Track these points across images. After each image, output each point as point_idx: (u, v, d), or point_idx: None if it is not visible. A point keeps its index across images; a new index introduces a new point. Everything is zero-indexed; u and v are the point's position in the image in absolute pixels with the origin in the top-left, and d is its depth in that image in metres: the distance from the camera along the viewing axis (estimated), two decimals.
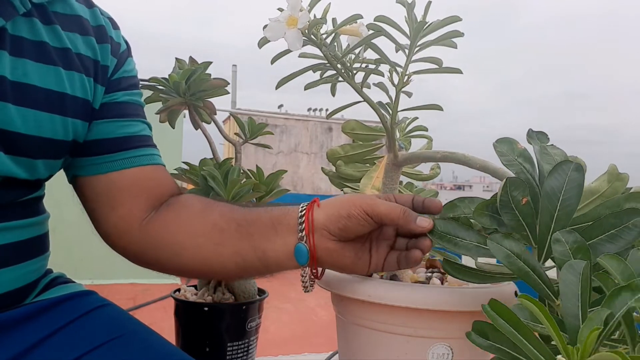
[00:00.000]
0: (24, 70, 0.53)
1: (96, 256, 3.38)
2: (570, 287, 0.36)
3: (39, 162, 0.55)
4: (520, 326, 0.35)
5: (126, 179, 0.63)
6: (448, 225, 0.52)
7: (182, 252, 0.61)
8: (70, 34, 0.59)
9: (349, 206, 0.56)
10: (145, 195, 0.64)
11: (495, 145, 0.54)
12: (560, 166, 0.47)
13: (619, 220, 0.44)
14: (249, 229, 0.59)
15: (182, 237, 0.62)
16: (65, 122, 0.57)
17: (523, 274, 0.43)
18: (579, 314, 0.35)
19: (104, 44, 0.63)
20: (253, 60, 37.52)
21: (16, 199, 0.55)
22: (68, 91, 0.57)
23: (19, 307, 0.56)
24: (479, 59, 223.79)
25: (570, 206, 0.46)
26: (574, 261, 0.38)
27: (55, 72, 0.56)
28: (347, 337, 0.63)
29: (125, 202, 0.63)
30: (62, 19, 0.59)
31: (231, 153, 0.98)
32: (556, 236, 0.42)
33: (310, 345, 1.96)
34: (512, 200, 0.48)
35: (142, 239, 0.63)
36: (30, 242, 0.58)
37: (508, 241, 0.45)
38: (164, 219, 0.63)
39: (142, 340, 0.57)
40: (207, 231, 0.61)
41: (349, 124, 0.76)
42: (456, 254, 0.61)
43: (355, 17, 0.63)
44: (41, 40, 0.56)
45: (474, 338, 0.39)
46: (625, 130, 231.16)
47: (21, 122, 0.52)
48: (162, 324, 0.66)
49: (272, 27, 0.61)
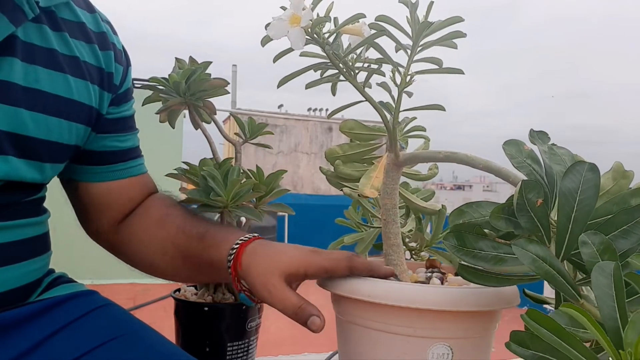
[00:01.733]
0: (35, 77, 0.55)
1: (96, 256, 3.36)
2: (604, 290, 0.36)
3: (47, 166, 0.58)
4: (563, 333, 0.35)
5: (119, 187, 0.70)
6: (463, 237, 0.51)
7: (140, 256, 0.71)
8: (77, 42, 0.61)
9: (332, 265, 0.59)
10: (130, 202, 0.71)
11: (504, 148, 0.54)
12: (574, 167, 0.48)
13: (630, 216, 0.45)
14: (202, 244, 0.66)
15: (138, 247, 0.70)
16: (71, 126, 0.59)
17: (550, 276, 0.43)
18: (617, 316, 0.35)
19: (107, 51, 0.65)
20: (253, 60, 37.55)
21: (22, 200, 0.57)
22: (75, 97, 0.59)
23: (22, 306, 0.56)
24: (479, 60, 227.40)
25: (588, 206, 0.46)
26: (603, 263, 0.38)
27: (64, 79, 0.58)
28: (347, 337, 0.63)
29: (114, 206, 0.70)
30: (69, 26, 0.61)
31: (231, 153, 0.98)
32: (582, 239, 0.42)
33: (310, 345, 1.95)
34: (527, 202, 0.48)
35: (114, 240, 0.72)
36: (33, 240, 0.59)
37: (532, 245, 0.45)
38: (128, 227, 0.71)
39: (144, 340, 0.57)
40: (163, 246, 0.68)
41: (347, 123, 0.75)
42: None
43: (358, 17, 0.63)
44: (51, 47, 0.57)
45: (514, 349, 0.39)
46: (624, 130, 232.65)
47: (34, 126, 0.54)
48: (162, 324, 0.67)
49: (274, 25, 0.61)
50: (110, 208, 0.70)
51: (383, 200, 0.68)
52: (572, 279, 0.44)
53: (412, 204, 0.76)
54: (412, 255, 0.84)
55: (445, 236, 0.52)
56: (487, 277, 0.52)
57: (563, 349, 0.35)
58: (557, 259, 0.45)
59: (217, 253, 0.63)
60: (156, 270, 0.71)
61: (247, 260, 0.60)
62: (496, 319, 0.61)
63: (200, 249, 0.65)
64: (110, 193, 0.69)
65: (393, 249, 0.68)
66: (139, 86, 0.89)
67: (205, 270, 0.66)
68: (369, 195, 0.69)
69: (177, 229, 0.68)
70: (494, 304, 0.57)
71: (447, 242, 0.51)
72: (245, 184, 0.83)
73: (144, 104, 0.91)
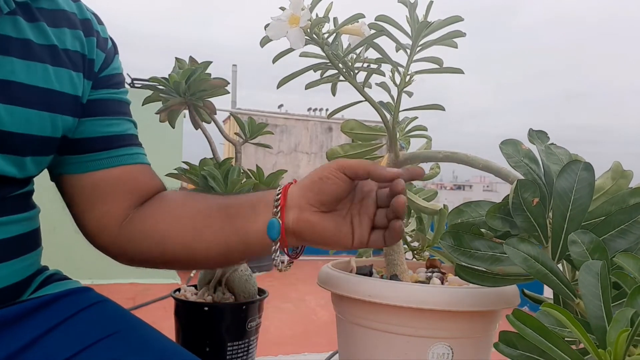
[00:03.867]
0: (11, 68, 0.53)
1: (96, 256, 3.36)
2: (590, 289, 0.36)
3: (28, 160, 0.56)
4: (547, 333, 0.35)
5: (109, 178, 0.63)
6: (460, 237, 0.52)
7: (164, 240, 0.62)
8: (57, 30, 0.59)
9: (321, 170, 0.57)
10: (127, 194, 0.64)
11: (501, 147, 0.54)
12: (569, 166, 0.48)
13: (628, 215, 0.45)
14: (230, 211, 0.60)
15: (164, 225, 0.62)
16: (54, 118, 0.57)
17: (541, 275, 0.43)
18: (603, 315, 0.35)
19: (90, 37, 0.63)
20: (253, 60, 37.47)
21: (6, 195, 0.55)
22: (56, 87, 0.57)
23: (14, 305, 0.56)
24: (478, 60, 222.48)
25: (583, 205, 0.46)
26: (590, 262, 0.38)
27: (42, 69, 0.56)
28: (347, 337, 0.63)
29: (106, 200, 0.63)
30: (48, 15, 0.59)
31: (231, 153, 0.98)
32: (572, 237, 0.42)
33: (310, 345, 1.96)
34: (523, 202, 0.48)
35: (123, 235, 0.63)
36: (22, 237, 0.58)
37: (524, 245, 0.45)
38: (146, 211, 0.64)
39: (139, 337, 0.57)
40: (191, 216, 0.62)
41: (348, 123, 0.75)
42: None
43: (357, 17, 0.63)
44: (26, 37, 0.55)
45: (502, 349, 0.39)
46: (624, 130, 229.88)
47: (9, 120, 0.52)
48: (162, 324, 0.66)
49: (274, 26, 0.61)
50: (100, 201, 0.63)
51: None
52: (566, 279, 0.43)
53: (414, 204, 0.76)
54: (414, 255, 0.84)
55: (442, 236, 0.52)
56: (484, 277, 0.52)
57: (547, 348, 0.35)
58: (550, 258, 0.45)
59: (262, 194, 0.60)
60: (183, 256, 0.63)
61: (301, 178, 0.59)
62: (496, 319, 0.61)
63: (243, 195, 0.63)
64: (95, 184, 0.63)
65: (393, 248, 0.68)
66: (139, 86, 0.89)
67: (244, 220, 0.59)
68: None
69: (212, 196, 0.64)
70: (494, 304, 0.57)
71: (443, 242, 0.51)
72: (245, 183, 0.83)
73: (144, 103, 0.91)
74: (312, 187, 0.57)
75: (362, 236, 0.57)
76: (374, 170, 0.55)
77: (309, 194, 0.57)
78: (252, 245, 0.59)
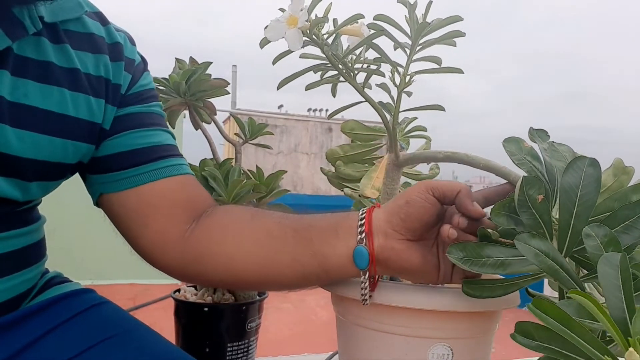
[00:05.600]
0: (24, 91, 0.51)
1: (96, 256, 3.38)
2: (611, 280, 0.36)
3: (33, 185, 0.54)
4: (571, 323, 0.35)
5: (156, 192, 0.59)
6: (466, 247, 0.50)
7: (232, 262, 0.58)
8: (81, 53, 0.57)
9: (408, 193, 0.54)
10: (177, 209, 0.60)
11: (504, 145, 0.54)
12: (575, 162, 0.48)
13: (632, 211, 0.46)
14: (307, 234, 0.57)
15: (229, 247, 0.58)
16: (66, 144, 0.55)
17: (553, 271, 0.43)
18: (624, 306, 0.35)
19: (118, 62, 0.60)
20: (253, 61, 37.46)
21: (8, 212, 0.54)
22: (71, 113, 0.55)
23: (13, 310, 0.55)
24: (478, 60, 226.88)
25: (589, 201, 0.46)
26: (608, 254, 0.38)
27: (59, 93, 0.54)
28: (347, 338, 0.63)
29: (158, 216, 0.59)
30: (74, 37, 0.57)
31: (231, 153, 0.98)
32: (586, 231, 0.42)
33: (310, 345, 1.96)
34: (528, 199, 0.48)
35: (184, 253, 0.59)
36: (25, 250, 0.56)
37: (535, 240, 0.45)
38: (207, 229, 0.60)
39: (138, 339, 0.56)
40: (260, 238, 0.58)
41: (348, 124, 0.75)
42: None
43: (357, 17, 0.63)
44: (47, 60, 0.54)
45: (519, 340, 0.38)
46: (624, 130, 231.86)
47: (18, 144, 0.50)
48: (162, 324, 0.65)
49: (272, 27, 0.61)
50: (152, 219, 0.59)
51: (384, 201, 0.68)
52: (575, 274, 0.44)
53: None
54: None
55: (450, 249, 0.50)
56: (494, 288, 0.51)
57: (571, 338, 0.34)
58: (560, 253, 0.45)
59: (342, 216, 0.57)
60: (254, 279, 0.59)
61: (386, 203, 0.56)
62: (496, 319, 0.61)
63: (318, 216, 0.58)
64: (142, 200, 0.59)
65: None
66: None
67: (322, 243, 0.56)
68: (370, 196, 0.69)
69: (282, 215, 0.60)
70: (494, 305, 0.57)
71: (452, 255, 0.50)
72: (245, 184, 0.83)
73: None
74: (398, 211, 0.54)
75: (446, 271, 0.55)
76: (462, 198, 0.53)
77: (395, 219, 0.54)
78: (332, 272, 0.57)
